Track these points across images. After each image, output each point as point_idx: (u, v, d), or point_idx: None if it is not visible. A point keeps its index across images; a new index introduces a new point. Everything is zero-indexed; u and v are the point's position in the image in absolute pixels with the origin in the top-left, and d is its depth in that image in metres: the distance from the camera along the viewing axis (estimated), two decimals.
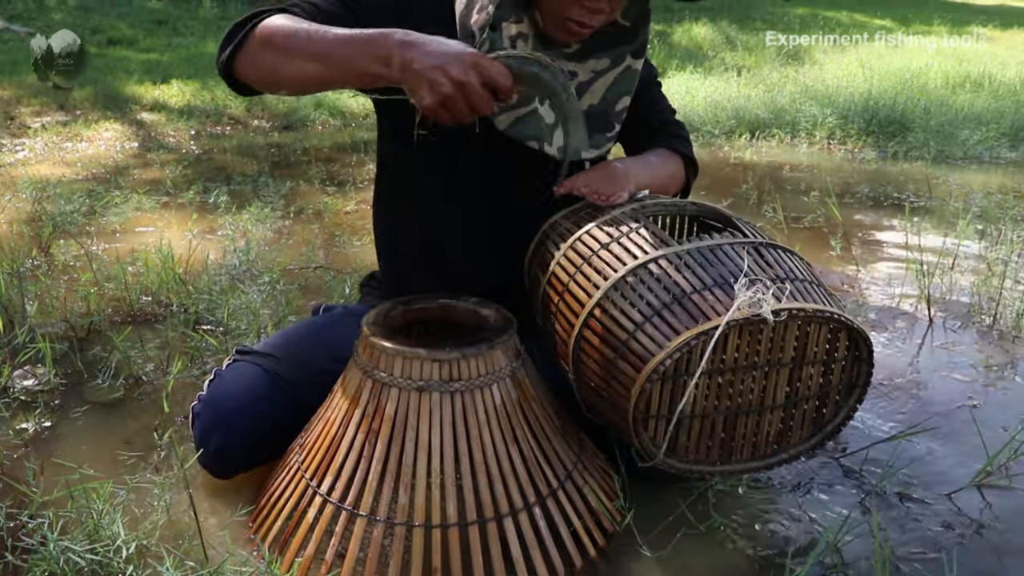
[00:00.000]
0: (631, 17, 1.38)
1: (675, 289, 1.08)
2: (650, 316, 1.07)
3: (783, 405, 1.16)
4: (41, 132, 5.05)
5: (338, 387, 1.28)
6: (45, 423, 1.83)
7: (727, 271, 1.10)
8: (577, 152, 1.32)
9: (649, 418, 1.10)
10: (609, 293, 1.13)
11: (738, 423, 1.16)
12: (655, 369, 1.03)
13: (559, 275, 1.26)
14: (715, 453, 1.19)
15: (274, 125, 5.65)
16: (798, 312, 1.04)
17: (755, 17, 12.07)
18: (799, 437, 1.20)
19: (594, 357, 1.15)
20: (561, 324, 1.23)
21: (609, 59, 1.39)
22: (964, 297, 2.68)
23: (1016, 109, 5.84)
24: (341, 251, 3.02)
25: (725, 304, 1.04)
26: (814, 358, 1.13)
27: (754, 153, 4.98)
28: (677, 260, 1.12)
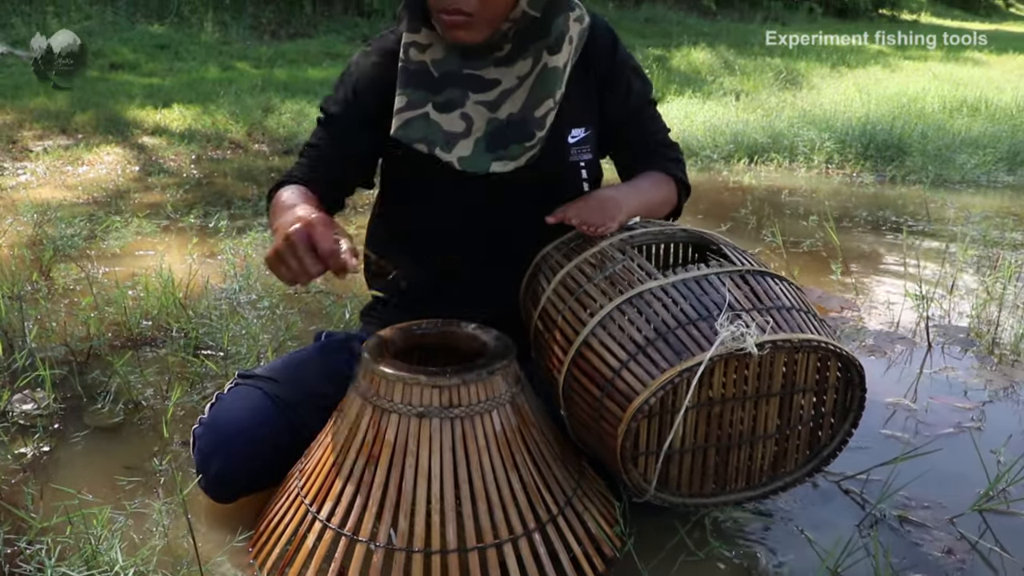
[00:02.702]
0: (539, 6, 1.33)
1: (659, 324, 1.08)
2: (635, 353, 1.07)
3: (775, 434, 1.15)
4: (43, 155, 5.08)
5: (338, 412, 1.28)
6: (44, 448, 1.83)
7: (712, 302, 1.09)
8: (485, 164, 1.33)
9: (638, 455, 1.10)
10: (595, 330, 1.13)
11: (731, 454, 1.16)
12: (639, 408, 1.03)
13: (549, 311, 1.26)
14: (709, 485, 1.18)
15: (274, 149, 5.67)
16: (783, 343, 1.03)
17: (753, 42, 12.16)
18: (795, 463, 1.20)
19: (582, 395, 1.15)
20: (551, 362, 1.24)
21: (531, 60, 1.36)
22: (963, 321, 2.68)
23: (1013, 133, 5.87)
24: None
25: (709, 338, 1.03)
26: (804, 386, 1.13)
27: (753, 177, 5.00)
28: (662, 294, 1.12)
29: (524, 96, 1.36)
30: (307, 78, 7.95)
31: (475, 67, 1.36)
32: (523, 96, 1.36)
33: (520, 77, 1.36)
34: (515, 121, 1.36)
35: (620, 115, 1.49)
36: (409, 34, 1.37)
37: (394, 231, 1.55)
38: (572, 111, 1.40)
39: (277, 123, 6.03)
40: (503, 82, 1.36)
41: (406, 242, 1.51)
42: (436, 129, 1.35)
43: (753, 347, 1.01)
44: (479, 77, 1.36)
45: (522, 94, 1.36)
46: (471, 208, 1.43)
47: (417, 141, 1.35)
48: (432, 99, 1.35)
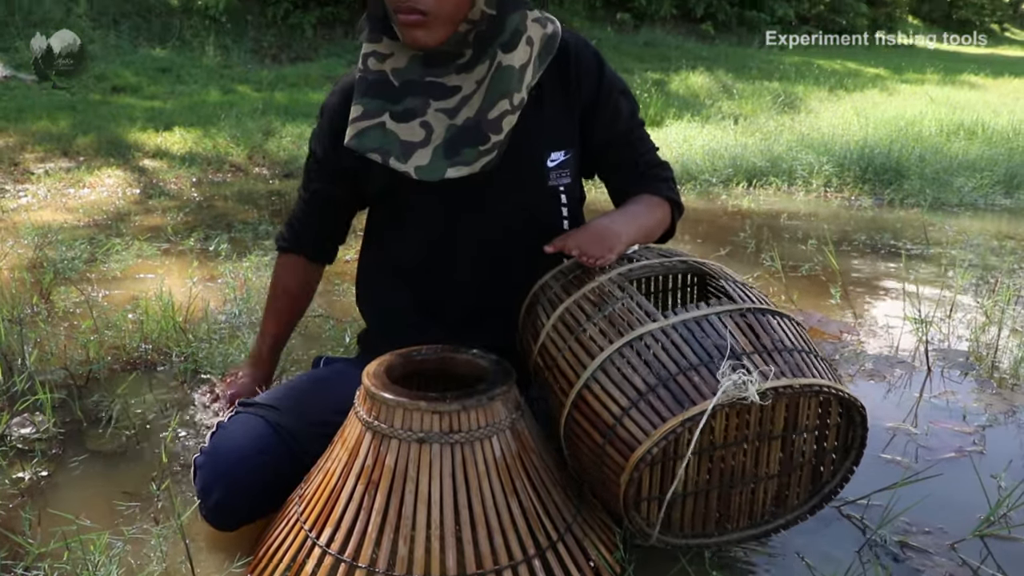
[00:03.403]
0: (494, 4, 1.32)
1: (660, 370, 1.08)
2: (636, 400, 1.07)
3: (777, 474, 1.15)
4: (44, 178, 5.10)
5: (338, 438, 1.28)
6: (42, 472, 1.82)
7: (712, 346, 1.09)
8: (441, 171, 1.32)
9: (641, 500, 1.10)
10: (596, 374, 1.13)
11: (733, 495, 1.16)
12: (642, 457, 1.03)
13: (549, 348, 1.26)
14: (711, 525, 1.18)
15: (275, 173, 5.69)
16: (785, 389, 1.03)
17: (751, 66, 12.24)
18: (796, 499, 1.20)
19: (584, 440, 1.15)
20: (551, 401, 1.23)
21: (488, 60, 1.34)
22: (962, 345, 2.68)
23: (1009, 156, 5.89)
24: (340, 300, 3.02)
25: (711, 386, 1.03)
26: (806, 427, 1.12)
27: (751, 201, 5.02)
28: (663, 336, 1.12)
29: (479, 100, 1.34)
30: (308, 101, 7.99)
31: (437, 75, 1.35)
32: (479, 100, 1.34)
33: (478, 81, 1.35)
34: (470, 125, 1.34)
35: (609, 138, 1.48)
36: (369, 44, 1.37)
37: (379, 264, 1.55)
38: (551, 134, 1.39)
39: (278, 146, 6.05)
40: (463, 88, 1.35)
41: (391, 275, 1.52)
42: (393, 139, 1.34)
43: (755, 396, 1.01)
44: (440, 84, 1.35)
45: (478, 98, 1.34)
46: (451, 236, 1.43)
47: (371, 151, 1.34)
48: (390, 108, 1.35)
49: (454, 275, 1.45)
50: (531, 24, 1.35)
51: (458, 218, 1.42)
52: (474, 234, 1.42)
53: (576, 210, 1.44)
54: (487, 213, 1.40)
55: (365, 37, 1.38)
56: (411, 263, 1.48)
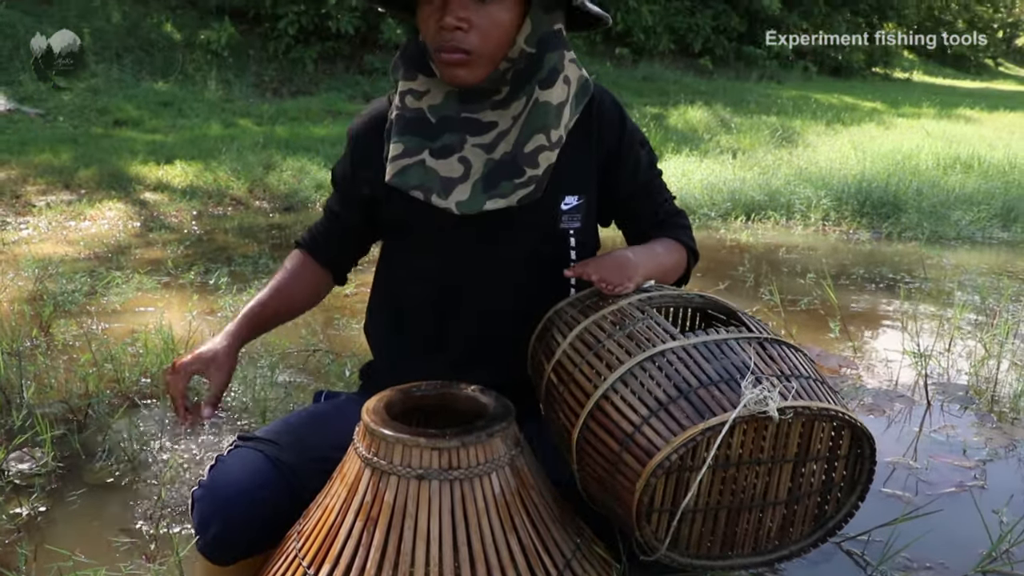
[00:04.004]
0: (533, 42, 1.34)
1: (681, 383, 1.09)
2: (656, 410, 1.08)
3: (785, 501, 1.15)
4: (46, 211, 5.12)
5: (337, 474, 1.28)
6: (40, 507, 1.82)
7: (732, 366, 1.11)
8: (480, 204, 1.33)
9: (652, 511, 1.10)
10: (615, 385, 1.14)
11: (740, 517, 1.16)
12: (660, 464, 1.04)
13: (564, 364, 1.26)
14: (716, 547, 1.18)
15: (275, 206, 5.72)
16: (803, 410, 1.05)
17: (749, 100, 12.34)
18: (800, 533, 1.19)
19: (598, 448, 1.15)
20: (564, 414, 1.24)
21: (525, 97, 1.36)
22: (962, 379, 2.69)
23: (1006, 190, 5.93)
24: (340, 334, 3.03)
25: (731, 400, 1.05)
26: (817, 455, 1.13)
27: (750, 235, 5.04)
28: (683, 354, 1.14)
29: (516, 134, 1.36)
30: (308, 135, 8.05)
31: (472, 111, 1.37)
32: (515, 134, 1.36)
33: (514, 117, 1.36)
34: (506, 160, 1.35)
35: (630, 189, 1.50)
36: (405, 82, 1.38)
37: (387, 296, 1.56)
38: (567, 178, 1.41)
39: (278, 180, 6.08)
40: (499, 124, 1.36)
41: (398, 309, 1.52)
42: (433, 176, 1.36)
43: (775, 411, 1.02)
44: (476, 120, 1.37)
45: (515, 133, 1.36)
46: (458, 272, 1.44)
47: (414, 188, 1.35)
48: (428, 145, 1.37)
49: (459, 311, 1.45)
50: (568, 64, 1.38)
51: (467, 255, 1.42)
52: (481, 271, 1.43)
53: (583, 255, 1.45)
54: (496, 251, 1.41)
55: (401, 75, 1.39)
56: (417, 298, 1.49)
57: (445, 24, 1.27)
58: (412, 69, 1.38)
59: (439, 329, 1.47)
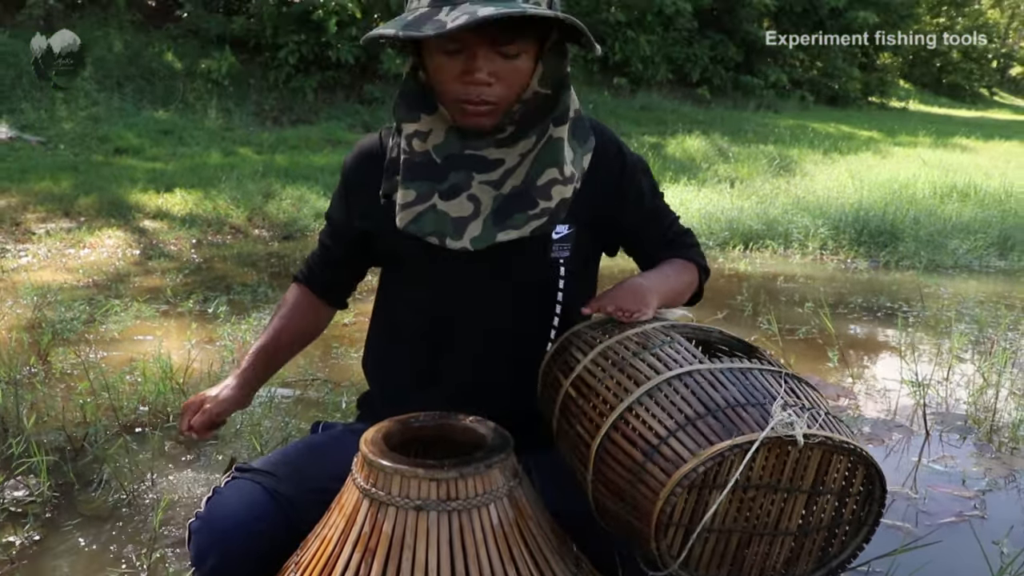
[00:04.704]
0: (549, 83, 1.35)
1: (709, 402, 1.11)
2: (684, 424, 1.09)
3: (796, 532, 1.16)
4: (45, 238, 5.13)
5: (335, 505, 1.27)
6: (34, 536, 1.81)
7: (758, 392, 1.13)
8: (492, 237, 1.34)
9: (671, 525, 1.10)
10: (642, 398, 1.15)
11: (751, 544, 1.16)
12: (686, 475, 1.04)
13: (586, 378, 1.27)
14: (724, 570, 1.18)
15: (274, 235, 5.73)
16: (827, 440, 1.07)
17: (746, 129, 12.41)
18: (804, 569, 1.19)
19: (620, 460, 1.15)
20: (583, 425, 1.24)
21: (535, 135, 1.36)
22: (960, 408, 2.69)
23: (1003, 218, 5.96)
24: (339, 363, 3.02)
25: (759, 422, 1.06)
26: (831, 489, 1.14)
27: (748, 264, 5.05)
28: (711, 376, 1.15)
29: (526, 169, 1.36)
30: (308, 164, 8.09)
31: (476, 147, 1.37)
32: (525, 169, 1.36)
33: (522, 154, 1.37)
34: (518, 192, 1.36)
35: (636, 218, 1.51)
36: (409, 123, 1.38)
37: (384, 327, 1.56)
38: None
39: (278, 208, 6.10)
40: (506, 161, 1.37)
41: (394, 339, 1.52)
42: (445, 219, 1.36)
43: (800, 436, 1.04)
44: (483, 157, 1.37)
45: (524, 168, 1.36)
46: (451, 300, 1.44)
47: (429, 235, 1.35)
48: (437, 188, 1.37)
49: (453, 342, 1.46)
50: (572, 97, 1.40)
51: (458, 285, 1.43)
52: (472, 302, 1.43)
53: (572, 285, 1.46)
54: (487, 280, 1.41)
55: (403, 116, 1.38)
56: (411, 328, 1.49)
57: (477, 80, 1.27)
58: (414, 110, 1.37)
59: (432, 360, 1.47)
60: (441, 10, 1.21)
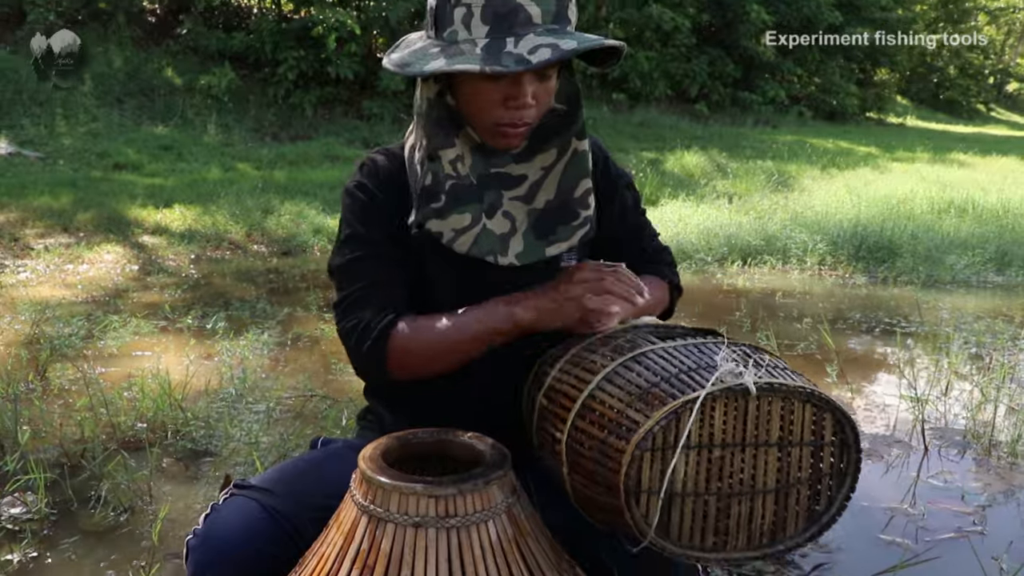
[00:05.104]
0: (564, 100, 1.39)
1: (663, 372, 1.14)
2: (639, 396, 1.11)
3: (775, 490, 1.16)
4: (43, 253, 5.13)
5: (333, 522, 1.27)
6: (32, 553, 1.80)
7: (711, 359, 1.15)
8: (541, 251, 1.38)
9: (640, 492, 1.11)
10: (600, 383, 1.17)
11: (731, 506, 1.16)
12: (644, 437, 1.06)
13: (555, 386, 1.28)
14: (709, 539, 1.17)
15: (273, 251, 5.73)
16: (780, 386, 1.08)
17: (744, 145, 12.45)
18: (794, 528, 1.19)
19: (587, 443, 1.16)
20: (554, 424, 1.25)
21: (556, 149, 1.40)
22: (959, 423, 2.68)
23: (1000, 234, 5.97)
24: (338, 379, 3.02)
25: (709, 379, 1.09)
26: (801, 440, 1.14)
27: (746, 280, 5.06)
28: (665, 353, 1.19)
29: (556, 182, 1.40)
30: (307, 180, 8.10)
31: (498, 165, 1.39)
32: (555, 182, 1.40)
33: (544, 168, 1.40)
34: (554, 207, 1.40)
35: (618, 231, 1.53)
36: (448, 150, 1.37)
37: None
38: None
39: (277, 224, 6.11)
40: (529, 175, 1.39)
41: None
42: (493, 237, 1.38)
43: (751, 383, 1.06)
44: (507, 174, 1.39)
45: (553, 181, 1.40)
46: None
47: (487, 254, 1.38)
48: (481, 209, 1.39)
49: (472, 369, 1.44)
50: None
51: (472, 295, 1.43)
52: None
53: None
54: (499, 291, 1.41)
55: (441, 144, 1.36)
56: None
57: (521, 104, 1.29)
58: (449, 135, 1.37)
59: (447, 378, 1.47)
60: (506, 42, 1.23)
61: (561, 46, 1.21)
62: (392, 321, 1.35)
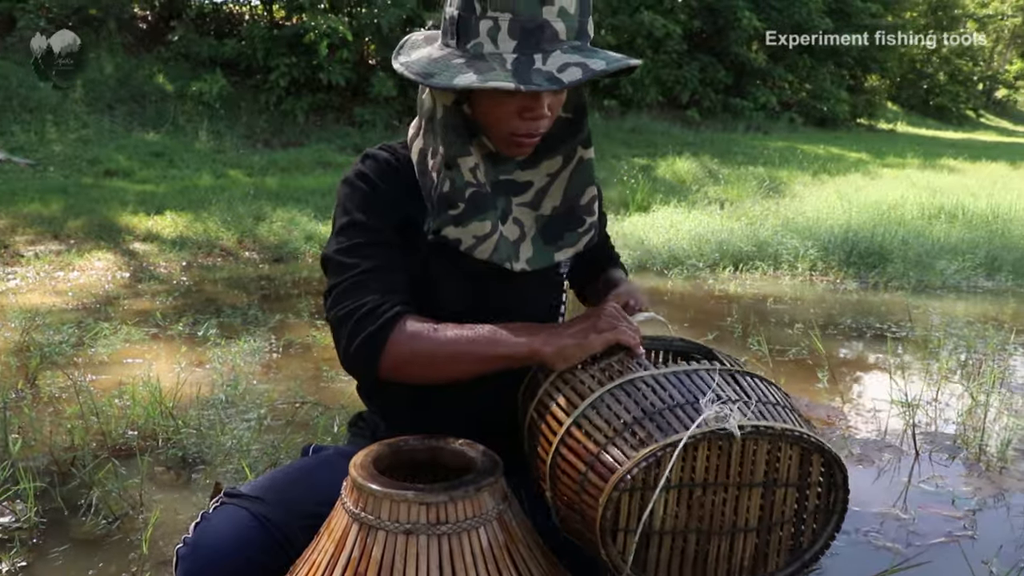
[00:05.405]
0: (571, 109, 1.41)
1: (648, 407, 1.12)
2: (621, 431, 1.10)
3: (756, 528, 1.16)
4: (34, 261, 5.11)
5: (324, 529, 1.27)
6: (21, 563, 1.79)
7: (699, 391, 1.13)
8: (550, 257, 1.40)
9: (618, 530, 1.10)
10: (586, 411, 1.16)
11: (711, 543, 1.16)
12: (622, 479, 1.05)
13: (544, 400, 1.28)
14: (688, 573, 1.17)
15: (264, 257, 5.72)
16: (766, 429, 1.06)
17: (736, 151, 12.49)
18: (776, 565, 1.19)
19: (568, 472, 1.16)
20: (542, 445, 1.25)
21: (561, 157, 1.42)
22: (949, 428, 2.69)
23: (990, 239, 6.00)
24: (329, 386, 3.01)
25: (694, 420, 1.07)
26: (787, 481, 1.14)
27: (738, 286, 5.07)
28: (652, 381, 1.17)
29: (562, 189, 1.42)
30: (299, 186, 8.09)
31: (505, 172, 1.40)
32: (560, 189, 1.42)
33: (550, 174, 1.42)
34: (561, 213, 1.42)
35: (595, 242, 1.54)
36: (465, 158, 1.36)
37: None
38: None
39: (268, 231, 6.10)
40: (535, 182, 1.41)
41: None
42: (507, 243, 1.39)
43: (735, 428, 1.04)
44: (513, 181, 1.41)
45: (559, 187, 1.42)
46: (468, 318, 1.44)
47: (504, 260, 1.38)
48: (498, 216, 1.39)
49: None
50: None
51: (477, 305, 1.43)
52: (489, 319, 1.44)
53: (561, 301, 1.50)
54: (503, 300, 1.42)
55: (459, 152, 1.35)
56: None
57: (540, 115, 1.30)
58: (465, 143, 1.37)
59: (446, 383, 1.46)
60: (534, 58, 1.24)
61: (590, 66, 1.22)
62: (399, 313, 1.29)
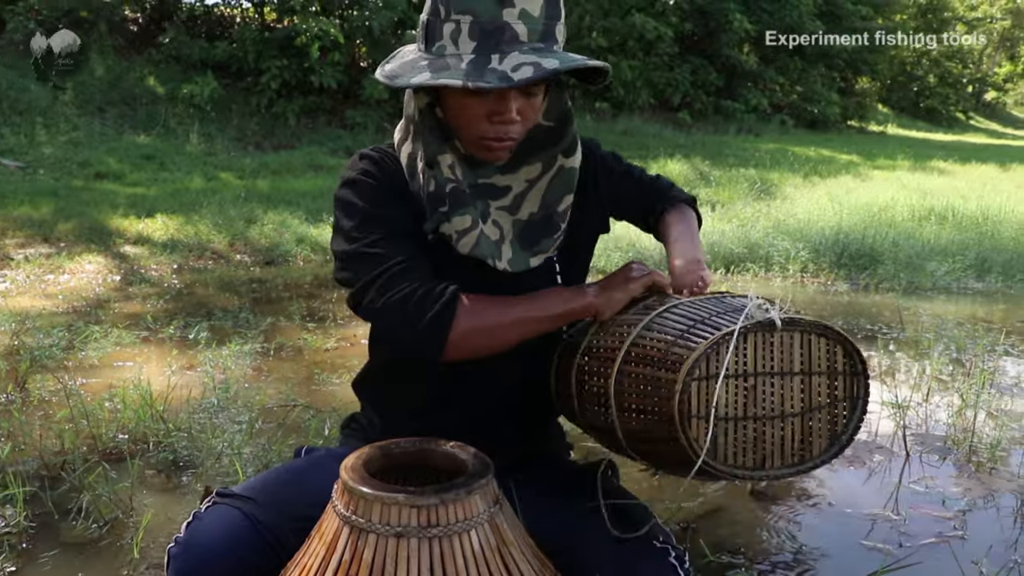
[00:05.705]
0: (553, 117, 1.42)
1: (697, 317, 1.30)
2: (679, 337, 1.26)
3: (800, 413, 1.31)
4: (24, 264, 5.09)
5: (315, 532, 1.27)
6: (10, 568, 1.78)
7: (739, 305, 1.30)
8: (526, 261, 1.41)
9: (691, 417, 1.23)
10: (642, 332, 1.32)
11: (765, 431, 1.29)
12: (694, 364, 1.20)
13: (592, 346, 1.40)
14: (750, 459, 1.29)
15: (256, 260, 5.71)
16: (799, 320, 1.25)
17: (727, 153, 12.52)
18: (819, 449, 1.33)
19: (635, 380, 1.30)
20: (599, 374, 1.37)
21: (541, 163, 1.43)
22: (940, 429, 2.70)
23: (979, 241, 6.03)
24: (321, 389, 3.01)
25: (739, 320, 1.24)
26: (820, 369, 1.31)
27: (729, 287, 5.08)
28: (692, 305, 1.35)
29: (540, 195, 1.44)
30: (290, 189, 8.08)
31: (483, 176, 1.41)
32: (539, 196, 1.44)
33: (529, 180, 1.43)
34: (538, 219, 1.44)
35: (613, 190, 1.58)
36: (442, 155, 1.39)
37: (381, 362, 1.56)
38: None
39: (259, 234, 6.09)
40: (513, 187, 1.43)
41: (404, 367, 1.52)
42: (488, 241, 1.40)
43: (777, 318, 1.22)
44: (492, 185, 1.42)
45: (537, 194, 1.44)
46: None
47: (488, 257, 1.39)
48: (478, 213, 1.40)
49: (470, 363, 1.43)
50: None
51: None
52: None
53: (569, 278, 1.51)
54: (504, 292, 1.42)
55: (437, 151, 1.37)
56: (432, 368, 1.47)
57: (506, 120, 1.31)
58: (442, 144, 1.38)
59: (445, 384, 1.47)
60: (491, 59, 1.25)
61: (543, 64, 1.23)
62: (456, 291, 1.31)
